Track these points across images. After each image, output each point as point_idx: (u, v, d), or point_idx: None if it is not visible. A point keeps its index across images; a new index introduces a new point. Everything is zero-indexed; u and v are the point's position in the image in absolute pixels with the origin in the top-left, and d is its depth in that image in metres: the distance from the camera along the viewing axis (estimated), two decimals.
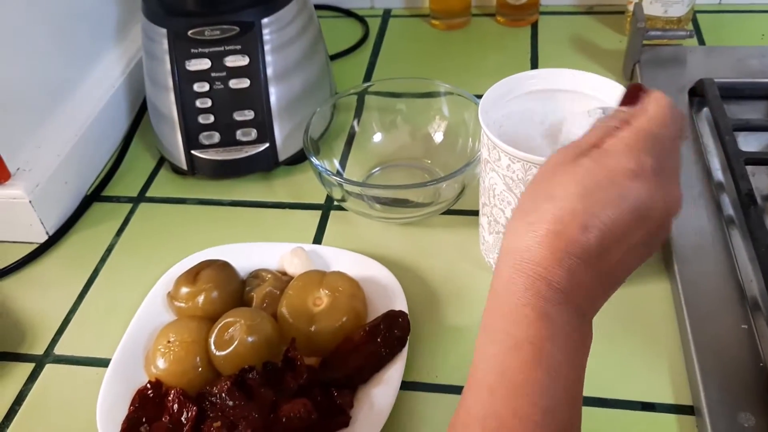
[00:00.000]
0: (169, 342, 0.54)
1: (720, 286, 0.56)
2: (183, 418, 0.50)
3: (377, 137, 0.74)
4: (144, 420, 0.51)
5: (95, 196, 0.75)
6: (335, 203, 0.71)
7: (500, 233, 0.57)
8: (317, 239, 0.68)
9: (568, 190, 0.35)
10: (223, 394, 0.50)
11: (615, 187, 0.34)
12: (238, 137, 0.72)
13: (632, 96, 0.40)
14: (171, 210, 0.73)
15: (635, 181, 0.35)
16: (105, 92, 0.80)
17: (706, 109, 0.73)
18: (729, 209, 0.62)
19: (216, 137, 0.72)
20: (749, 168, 0.62)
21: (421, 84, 0.74)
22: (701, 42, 0.88)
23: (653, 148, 0.36)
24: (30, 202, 0.67)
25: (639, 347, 0.55)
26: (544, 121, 0.59)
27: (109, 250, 0.69)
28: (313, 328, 0.55)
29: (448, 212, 0.68)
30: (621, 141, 0.36)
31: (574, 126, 0.56)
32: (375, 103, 0.74)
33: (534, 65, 0.87)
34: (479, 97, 0.57)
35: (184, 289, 0.58)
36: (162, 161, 0.79)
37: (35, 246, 0.69)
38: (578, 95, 0.58)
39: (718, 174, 0.66)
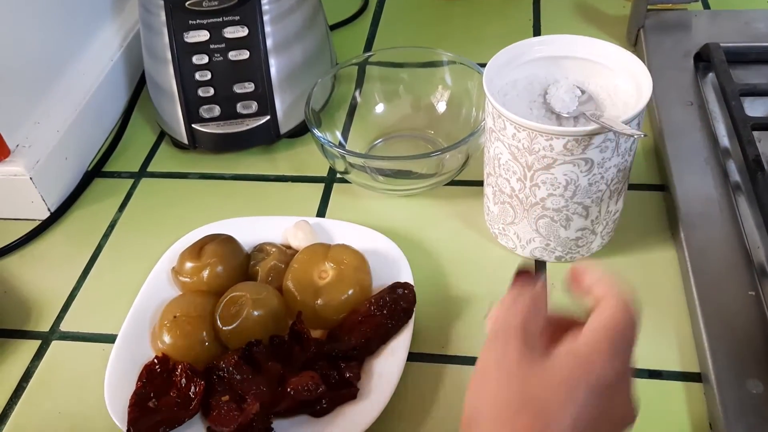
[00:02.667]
0: (174, 317, 0.54)
1: (727, 252, 0.56)
2: (191, 393, 0.50)
3: (379, 108, 0.73)
4: (152, 395, 0.51)
5: (96, 172, 0.74)
6: (338, 176, 0.70)
7: (505, 203, 0.57)
8: (321, 212, 0.67)
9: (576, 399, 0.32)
10: (231, 368, 0.50)
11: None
12: (238, 110, 0.71)
13: (523, 277, 0.38)
14: (173, 185, 0.73)
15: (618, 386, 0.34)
16: (103, 66, 0.78)
17: (711, 75, 0.72)
18: (735, 175, 0.62)
19: (216, 110, 0.71)
20: (756, 134, 0.61)
21: (423, 53, 0.73)
22: (706, 6, 0.87)
23: (624, 352, 0.35)
24: (31, 178, 0.66)
25: (645, 315, 0.55)
26: (546, 91, 0.58)
27: (111, 226, 0.69)
28: (318, 302, 0.55)
29: (452, 183, 0.67)
30: (595, 344, 0.34)
31: (559, 91, 0.55)
32: (376, 73, 0.73)
33: (537, 33, 0.86)
34: (483, 65, 0.56)
35: (189, 264, 0.58)
36: (162, 136, 0.78)
37: (37, 223, 0.69)
38: (583, 62, 0.57)
39: (725, 140, 0.65)
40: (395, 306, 0.54)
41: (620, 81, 0.55)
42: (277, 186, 0.71)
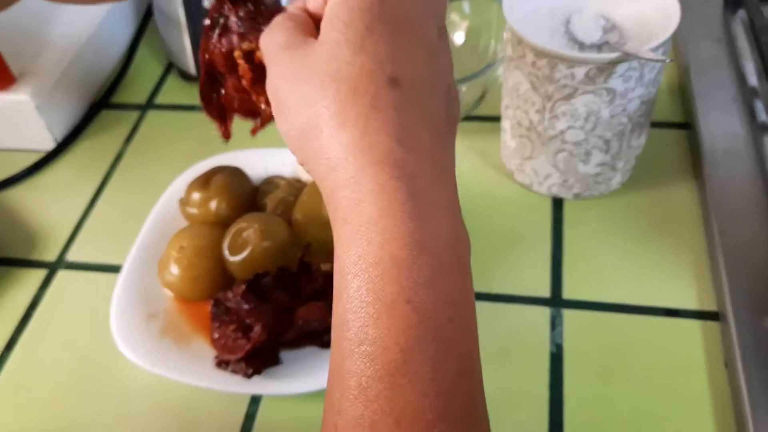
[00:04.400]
0: (182, 247, 0.53)
1: (750, 191, 0.54)
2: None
3: None
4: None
5: (103, 103, 0.73)
6: None
7: (523, 137, 0.55)
8: None
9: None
10: (238, 298, 0.49)
11: None
12: None
13: None
14: (180, 117, 0.71)
15: None
16: None
17: (741, 11, 0.69)
18: (762, 115, 0.59)
19: None
20: None
21: None
22: None
23: None
24: (36, 107, 0.65)
25: (663, 252, 0.54)
26: (568, 20, 0.55)
27: (118, 158, 0.67)
28: (328, 234, 0.54)
29: (468, 118, 0.65)
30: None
31: (582, 19, 0.53)
32: None
33: None
34: None
35: (196, 195, 0.57)
36: (170, 67, 0.76)
37: (43, 154, 0.67)
38: None
39: (752, 79, 0.63)
40: None
41: (646, 10, 0.53)
42: None
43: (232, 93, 0.36)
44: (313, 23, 0.30)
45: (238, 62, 0.34)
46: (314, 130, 0.26)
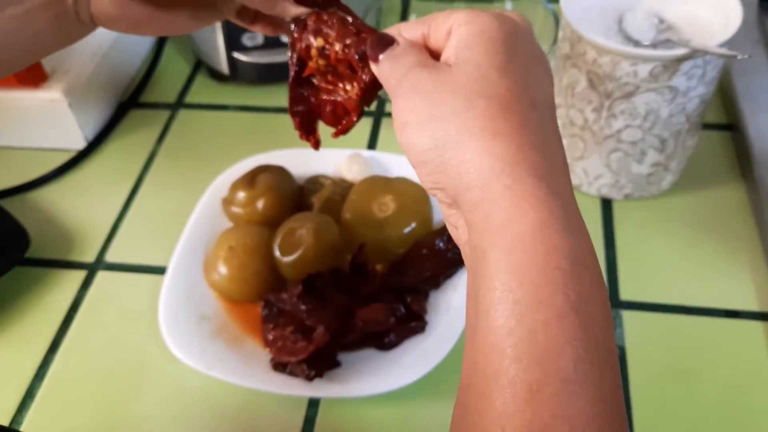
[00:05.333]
0: (231, 247, 0.52)
1: None
2: None
3: None
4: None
5: (131, 102, 0.71)
6: (385, 110, 0.67)
7: (575, 136, 0.55)
8: (370, 147, 0.65)
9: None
10: (295, 299, 0.48)
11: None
12: (282, 39, 0.68)
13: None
14: (212, 117, 0.70)
15: None
16: None
17: None
18: None
19: (260, 38, 0.68)
20: None
21: None
22: None
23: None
24: (69, 105, 0.63)
25: (718, 253, 0.53)
26: (621, 18, 0.55)
27: (151, 158, 0.66)
28: (381, 235, 0.53)
29: None
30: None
31: (636, 18, 0.52)
32: (424, 7, 0.70)
33: None
34: None
35: (241, 194, 0.55)
36: (198, 66, 0.75)
37: (74, 153, 0.66)
38: None
39: None
40: None
41: (698, 8, 0.52)
42: None
43: (323, 94, 0.36)
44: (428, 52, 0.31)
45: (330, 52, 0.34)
46: (459, 142, 0.26)
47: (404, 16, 0.71)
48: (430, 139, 0.27)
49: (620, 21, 0.53)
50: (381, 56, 0.30)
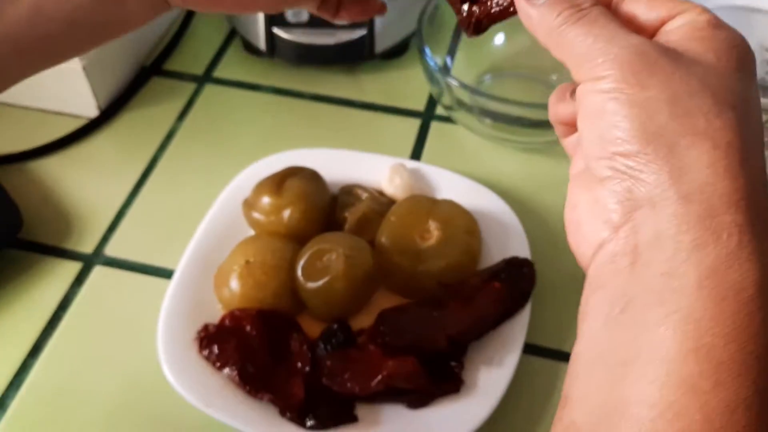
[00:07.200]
0: (248, 263, 0.45)
1: None
2: None
3: (499, 38, 0.62)
4: None
5: (155, 68, 0.64)
6: (438, 112, 0.60)
7: None
8: (415, 154, 0.57)
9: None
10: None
11: None
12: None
13: None
14: (241, 96, 0.63)
15: None
16: None
17: None
18: None
19: (305, 14, 0.60)
20: None
21: None
22: None
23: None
24: (84, 68, 0.56)
25: None
26: None
27: (169, 136, 0.59)
28: (419, 267, 0.46)
29: None
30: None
31: None
32: None
33: None
34: None
35: (267, 199, 0.48)
36: (232, 36, 0.67)
37: (85, 121, 0.59)
38: None
39: None
40: (513, 286, 0.45)
41: None
42: (364, 115, 0.61)
43: None
44: None
45: None
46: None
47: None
48: (653, 122, 0.22)
49: None
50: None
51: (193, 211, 0.51)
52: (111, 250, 0.51)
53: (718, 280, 0.20)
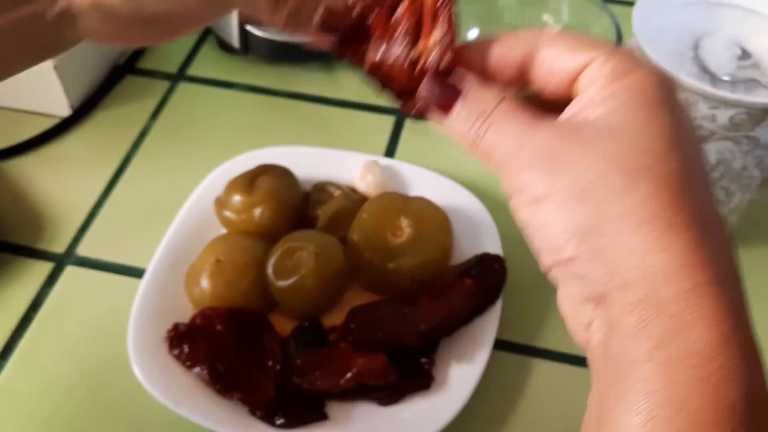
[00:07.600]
0: (218, 261, 0.45)
1: None
2: None
3: (472, 34, 0.62)
4: None
5: (128, 67, 0.64)
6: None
7: None
8: (389, 151, 0.57)
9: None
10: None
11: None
12: None
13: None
14: (216, 94, 0.62)
15: None
16: None
17: None
18: None
19: None
20: None
21: None
22: None
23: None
24: (55, 67, 0.56)
25: None
26: (697, 44, 0.47)
27: (143, 134, 0.59)
28: (391, 264, 0.46)
29: None
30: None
31: (714, 45, 0.45)
32: None
33: None
34: (611, 1, 0.45)
35: (237, 198, 0.48)
36: (206, 35, 0.67)
37: (57, 121, 0.59)
38: (745, 13, 0.46)
39: None
40: (484, 282, 0.45)
41: None
42: (338, 112, 0.61)
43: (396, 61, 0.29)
44: None
45: None
46: (620, 230, 0.22)
47: None
48: (575, 222, 0.22)
49: (696, 47, 0.46)
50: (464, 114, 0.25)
51: (165, 209, 0.51)
52: (83, 250, 0.51)
53: (665, 351, 0.20)
